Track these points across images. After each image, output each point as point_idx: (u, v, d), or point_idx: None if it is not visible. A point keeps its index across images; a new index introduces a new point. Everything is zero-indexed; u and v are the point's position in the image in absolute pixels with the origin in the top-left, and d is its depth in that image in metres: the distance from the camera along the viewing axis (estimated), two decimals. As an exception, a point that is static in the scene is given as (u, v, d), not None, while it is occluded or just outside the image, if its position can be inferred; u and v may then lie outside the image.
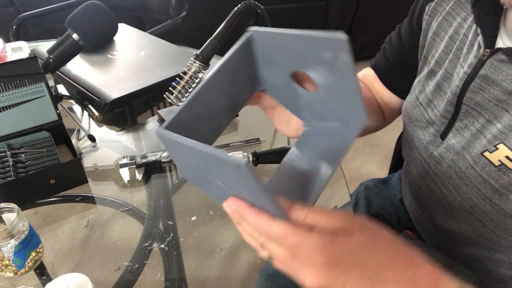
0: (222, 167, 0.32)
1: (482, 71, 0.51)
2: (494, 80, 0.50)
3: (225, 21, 0.75)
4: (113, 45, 1.07)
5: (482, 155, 0.51)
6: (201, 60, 0.76)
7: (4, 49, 0.98)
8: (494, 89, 0.50)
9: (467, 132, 0.54)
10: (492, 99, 0.51)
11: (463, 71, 0.54)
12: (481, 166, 0.52)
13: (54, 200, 0.70)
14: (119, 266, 0.58)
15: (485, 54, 0.51)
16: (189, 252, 0.61)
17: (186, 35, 2.07)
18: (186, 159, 0.37)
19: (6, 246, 0.53)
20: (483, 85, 0.52)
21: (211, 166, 0.33)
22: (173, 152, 0.38)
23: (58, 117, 0.75)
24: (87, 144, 0.83)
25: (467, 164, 0.54)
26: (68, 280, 0.49)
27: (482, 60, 0.51)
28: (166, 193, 0.72)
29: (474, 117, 0.53)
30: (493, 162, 0.50)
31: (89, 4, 0.80)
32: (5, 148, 0.70)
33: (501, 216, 0.52)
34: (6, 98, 0.70)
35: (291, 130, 0.52)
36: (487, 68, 0.51)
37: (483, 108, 0.52)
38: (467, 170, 0.54)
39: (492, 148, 0.50)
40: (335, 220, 0.35)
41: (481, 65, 0.51)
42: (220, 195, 0.38)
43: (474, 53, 0.53)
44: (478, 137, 0.53)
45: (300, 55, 0.38)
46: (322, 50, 0.35)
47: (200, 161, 0.34)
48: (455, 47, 0.58)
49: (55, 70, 0.80)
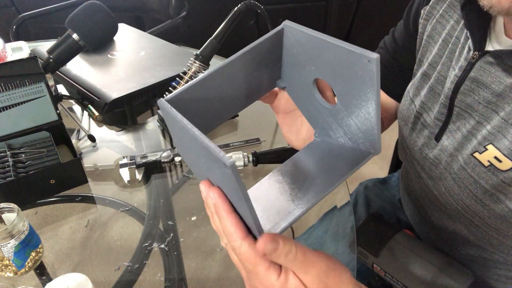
0: (210, 159, 0.31)
1: (472, 74, 0.52)
2: (484, 82, 0.51)
3: (225, 21, 0.75)
4: (113, 45, 1.07)
5: (472, 156, 0.52)
6: (201, 60, 0.76)
7: (4, 49, 0.98)
8: (484, 91, 0.51)
9: (459, 133, 0.55)
10: (482, 101, 0.51)
11: (454, 73, 0.55)
12: (471, 167, 0.52)
13: (54, 200, 0.70)
14: (119, 266, 0.58)
15: (474, 57, 0.51)
16: (189, 252, 0.61)
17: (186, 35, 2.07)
18: (179, 135, 0.36)
19: (6, 246, 0.53)
20: (473, 87, 0.52)
21: (201, 154, 0.33)
22: (170, 124, 0.37)
23: (58, 117, 0.75)
24: (87, 144, 0.83)
25: (459, 166, 0.54)
26: (68, 280, 0.49)
27: (472, 62, 0.52)
28: (166, 193, 0.72)
29: (466, 119, 0.54)
30: (482, 163, 0.51)
31: (89, 4, 0.80)
32: (5, 148, 0.70)
33: (492, 216, 0.52)
34: (6, 98, 0.70)
35: (299, 140, 0.51)
36: (476, 70, 0.51)
37: (473, 110, 0.52)
38: (459, 171, 0.55)
39: (482, 149, 0.50)
40: (303, 270, 0.34)
41: (470, 67, 0.52)
42: (203, 175, 0.37)
43: (464, 56, 0.54)
44: (469, 139, 0.53)
45: (328, 63, 0.37)
46: (351, 65, 0.34)
47: (191, 143, 0.33)
48: (448, 50, 0.58)
49: (55, 70, 0.80)
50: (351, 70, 0.34)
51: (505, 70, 0.48)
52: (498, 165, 0.49)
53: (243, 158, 0.74)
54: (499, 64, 0.49)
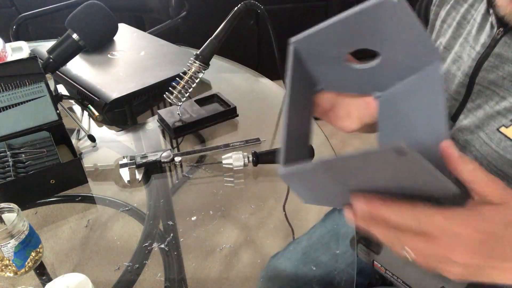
0: (366, 164, 0.30)
1: (496, 50, 0.53)
2: (508, 57, 0.52)
3: (225, 21, 0.75)
4: (113, 45, 1.07)
5: (498, 131, 0.53)
6: (201, 60, 0.76)
7: (4, 49, 0.98)
8: (509, 66, 0.52)
9: (480, 111, 0.56)
10: (507, 76, 0.52)
11: (476, 51, 0.56)
12: (496, 142, 0.53)
13: (54, 200, 0.70)
14: (119, 266, 0.58)
15: (499, 33, 0.53)
16: (189, 252, 0.61)
17: (186, 35, 2.07)
18: (312, 180, 0.34)
19: (6, 246, 0.53)
20: (496, 63, 0.54)
21: (348, 171, 0.31)
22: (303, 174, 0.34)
23: (58, 117, 0.75)
24: (87, 144, 0.83)
25: (482, 142, 0.55)
26: (68, 280, 0.49)
27: (496, 38, 0.53)
28: (166, 193, 0.72)
29: (488, 95, 0.55)
30: (509, 137, 0.52)
31: (89, 4, 0.80)
32: (5, 148, 0.70)
33: None
34: (6, 98, 0.70)
35: (354, 120, 0.51)
36: (501, 46, 0.53)
37: (497, 85, 0.54)
38: (481, 147, 0.55)
39: (509, 123, 0.51)
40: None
41: (495, 43, 0.53)
42: (340, 199, 0.36)
43: (487, 33, 0.55)
44: (493, 115, 0.54)
45: (348, 36, 0.38)
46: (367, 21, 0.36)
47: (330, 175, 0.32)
48: (464, 31, 0.60)
49: (55, 70, 0.80)
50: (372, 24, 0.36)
51: None
52: None
53: (243, 158, 0.73)
54: None
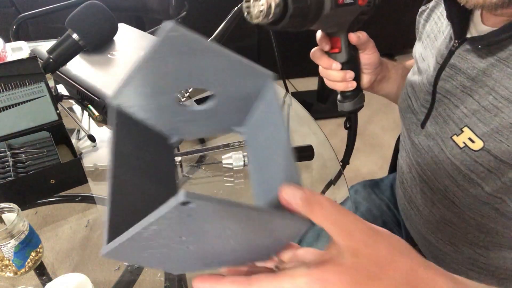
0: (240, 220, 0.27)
1: (452, 61, 0.56)
2: (461, 68, 0.55)
3: (225, 21, 0.75)
4: (113, 45, 1.07)
5: (451, 139, 0.56)
6: (201, 60, 0.76)
7: (4, 49, 0.98)
8: (461, 76, 0.55)
9: (440, 119, 0.59)
10: (459, 85, 0.55)
11: (437, 61, 0.59)
12: (449, 149, 0.56)
13: (54, 200, 0.70)
14: (119, 266, 0.58)
15: (454, 45, 0.56)
16: (189, 252, 0.61)
17: (186, 35, 2.06)
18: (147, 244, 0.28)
19: (6, 246, 0.53)
20: (451, 73, 0.56)
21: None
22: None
23: (58, 117, 0.75)
24: (87, 144, 0.83)
25: (439, 149, 0.58)
26: (68, 280, 0.49)
27: (452, 50, 0.56)
28: (166, 193, 0.72)
29: (445, 104, 0.58)
30: (458, 145, 0.54)
31: (89, 4, 0.80)
32: (5, 148, 0.70)
33: (466, 197, 0.56)
34: (6, 98, 0.70)
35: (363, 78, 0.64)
36: (455, 57, 0.56)
37: (452, 94, 0.56)
38: (439, 154, 0.59)
39: (459, 132, 0.54)
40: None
41: (450, 55, 0.56)
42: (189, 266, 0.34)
43: (446, 45, 0.58)
44: (448, 123, 0.57)
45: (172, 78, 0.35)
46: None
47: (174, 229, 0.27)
48: (433, 42, 0.64)
49: (55, 70, 0.80)
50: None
51: (479, 56, 0.52)
52: (471, 146, 0.52)
53: (243, 158, 0.74)
54: (474, 50, 0.53)
